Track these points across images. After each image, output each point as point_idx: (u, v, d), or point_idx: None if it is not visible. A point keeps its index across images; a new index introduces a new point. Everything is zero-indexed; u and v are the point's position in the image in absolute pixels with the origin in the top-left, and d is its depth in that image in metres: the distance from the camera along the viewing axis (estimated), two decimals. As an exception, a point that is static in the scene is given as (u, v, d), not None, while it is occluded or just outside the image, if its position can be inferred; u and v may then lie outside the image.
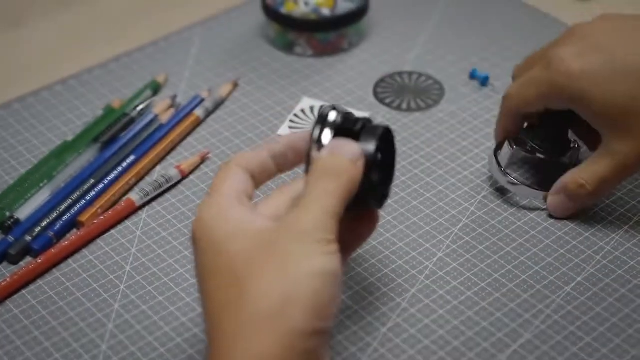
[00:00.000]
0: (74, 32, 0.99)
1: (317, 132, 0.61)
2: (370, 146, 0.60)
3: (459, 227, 0.76)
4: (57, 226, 0.76)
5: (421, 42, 0.95)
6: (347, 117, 0.61)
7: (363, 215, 0.63)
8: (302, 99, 0.88)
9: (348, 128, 0.61)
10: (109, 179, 0.79)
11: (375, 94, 0.89)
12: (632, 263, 0.72)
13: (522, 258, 0.73)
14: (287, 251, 0.56)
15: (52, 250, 0.73)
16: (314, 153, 0.60)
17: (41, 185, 0.79)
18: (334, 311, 0.57)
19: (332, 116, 0.61)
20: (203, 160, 0.82)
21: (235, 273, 0.56)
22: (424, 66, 0.92)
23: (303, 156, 0.62)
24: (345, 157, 0.59)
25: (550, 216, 0.76)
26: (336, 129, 0.61)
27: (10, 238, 0.75)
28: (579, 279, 0.71)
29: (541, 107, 0.74)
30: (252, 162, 0.62)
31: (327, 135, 0.61)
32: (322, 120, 0.61)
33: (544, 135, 0.77)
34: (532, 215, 0.76)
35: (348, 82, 0.90)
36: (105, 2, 1.02)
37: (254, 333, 0.55)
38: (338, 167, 0.59)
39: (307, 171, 0.60)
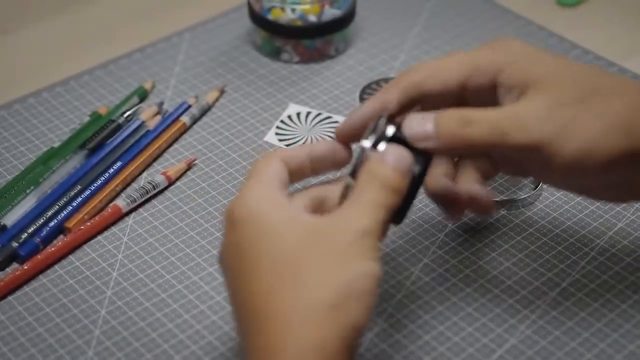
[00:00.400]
0: (61, 39, 0.99)
1: (372, 139, 0.61)
2: (418, 167, 0.61)
3: (444, 232, 0.76)
4: (44, 232, 0.76)
5: (407, 49, 0.96)
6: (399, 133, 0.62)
7: None
8: (289, 105, 0.89)
9: (403, 141, 0.61)
10: (95, 185, 0.79)
11: (362, 100, 0.89)
12: (616, 268, 0.72)
13: (507, 264, 0.73)
14: (347, 247, 0.56)
15: (39, 257, 0.73)
16: (373, 154, 0.60)
17: (27, 191, 0.79)
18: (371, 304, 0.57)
19: (390, 131, 0.61)
20: (189, 166, 0.82)
21: (289, 258, 0.56)
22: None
23: (340, 163, 0.63)
24: (405, 169, 0.60)
25: (537, 220, 0.76)
26: (390, 140, 0.61)
27: (-3, 244, 0.75)
28: (564, 284, 0.72)
29: (455, 85, 0.64)
30: (293, 159, 0.62)
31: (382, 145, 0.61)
32: (377, 131, 0.61)
33: None
34: (517, 221, 0.76)
35: (334, 88, 0.91)
36: (91, 10, 1.02)
37: (314, 322, 0.54)
38: (398, 180, 0.59)
39: (353, 174, 0.60)
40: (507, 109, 0.61)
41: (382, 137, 0.61)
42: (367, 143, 0.61)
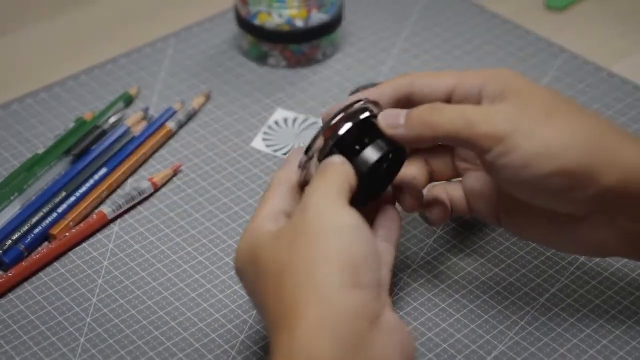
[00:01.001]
0: (45, 45, 0.98)
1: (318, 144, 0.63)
2: (371, 157, 0.63)
3: (433, 238, 0.75)
4: (28, 239, 0.75)
5: (395, 53, 0.95)
6: (359, 129, 0.64)
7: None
8: (276, 110, 0.88)
9: (349, 146, 0.63)
10: (80, 191, 0.79)
11: (349, 105, 0.88)
12: (605, 274, 0.72)
13: (496, 270, 0.73)
14: (307, 223, 0.58)
15: (23, 264, 0.73)
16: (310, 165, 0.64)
17: (12, 198, 0.78)
18: (373, 264, 0.58)
19: (343, 130, 0.63)
20: (175, 172, 0.82)
21: (264, 272, 0.59)
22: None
23: None
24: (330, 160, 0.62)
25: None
26: (338, 144, 0.63)
27: (-19, 251, 0.74)
28: (553, 289, 0.71)
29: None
30: (293, 177, 0.65)
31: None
32: (348, 111, 0.64)
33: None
34: (506, 226, 0.76)
35: (322, 93, 0.90)
36: (76, 15, 1.02)
37: (291, 310, 0.56)
38: (332, 163, 0.62)
39: (307, 150, 0.64)
40: (479, 106, 0.64)
41: (350, 118, 0.63)
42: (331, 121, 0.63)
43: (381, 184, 0.67)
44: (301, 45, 0.92)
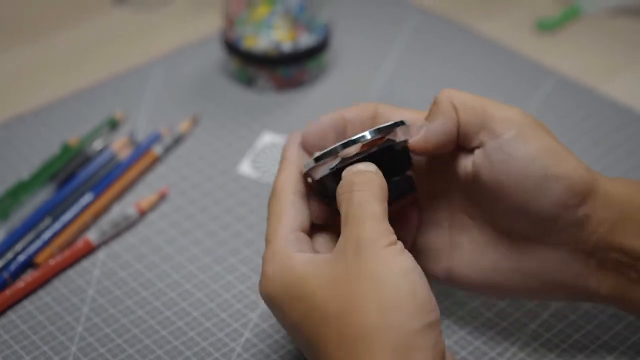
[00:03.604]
0: (31, 68, 0.97)
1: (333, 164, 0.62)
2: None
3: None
4: (12, 267, 0.74)
5: (383, 76, 0.95)
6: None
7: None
8: (263, 134, 0.87)
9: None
10: (65, 218, 0.78)
11: (337, 129, 0.88)
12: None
13: (481, 298, 0.72)
14: (365, 266, 0.57)
15: (7, 292, 0.72)
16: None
17: (-4, 224, 0.78)
18: (433, 301, 0.57)
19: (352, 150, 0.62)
20: (162, 197, 0.81)
21: (321, 310, 0.57)
22: (386, 99, 0.91)
23: None
24: (365, 169, 0.61)
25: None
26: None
27: (-36, 280, 0.73)
28: (544, 315, 0.70)
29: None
30: (295, 183, 0.64)
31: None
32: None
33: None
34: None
35: (310, 116, 0.89)
36: (62, 37, 1.01)
37: (364, 350, 0.55)
38: (363, 177, 0.60)
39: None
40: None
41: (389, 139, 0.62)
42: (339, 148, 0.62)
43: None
44: (289, 68, 0.92)
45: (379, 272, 0.56)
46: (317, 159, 0.62)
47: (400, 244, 0.58)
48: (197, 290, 0.73)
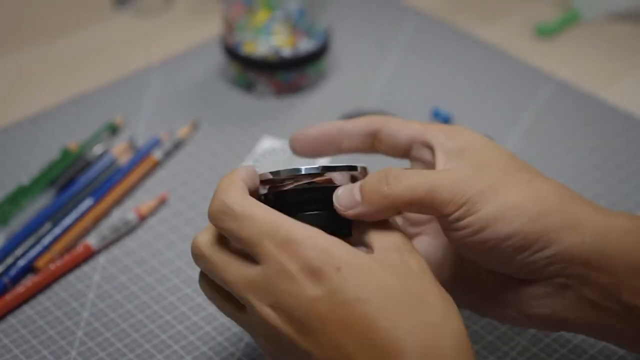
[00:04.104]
0: (31, 72, 0.97)
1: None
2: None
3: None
4: (12, 272, 0.74)
5: (382, 81, 0.95)
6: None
7: None
8: (262, 139, 0.88)
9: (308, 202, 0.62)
10: (65, 223, 0.78)
11: (337, 134, 0.88)
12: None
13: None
14: (350, 289, 0.55)
15: (7, 297, 0.72)
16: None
17: (-4, 229, 0.78)
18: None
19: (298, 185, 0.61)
20: (161, 202, 0.81)
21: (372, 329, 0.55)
22: (385, 105, 0.92)
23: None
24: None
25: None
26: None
27: (-36, 285, 0.73)
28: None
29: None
30: (252, 179, 0.62)
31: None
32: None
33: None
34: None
35: (310, 121, 0.90)
36: (62, 42, 1.01)
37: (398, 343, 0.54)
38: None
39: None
40: (437, 170, 0.62)
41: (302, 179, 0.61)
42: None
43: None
44: (288, 73, 0.92)
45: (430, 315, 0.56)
46: (262, 181, 0.62)
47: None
48: (197, 295, 0.73)
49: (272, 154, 0.86)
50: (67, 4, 1.06)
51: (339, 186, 0.61)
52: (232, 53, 0.92)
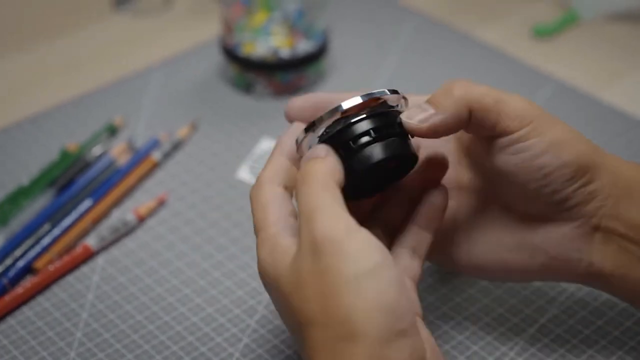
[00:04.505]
0: (30, 73, 0.97)
1: (301, 138, 0.61)
2: (374, 157, 0.60)
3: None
4: (12, 273, 0.74)
5: (381, 81, 0.95)
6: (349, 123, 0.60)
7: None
8: (262, 140, 0.88)
9: (356, 137, 0.60)
10: (64, 223, 0.78)
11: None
12: (595, 304, 0.71)
13: (486, 301, 0.72)
14: (324, 269, 0.54)
15: (6, 298, 0.72)
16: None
17: (-5, 230, 0.78)
18: (407, 302, 0.55)
19: (356, 118, 0.60)
20: (161, 203, 0.81)
21: (297, 314, 0.56)
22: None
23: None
24: (310, 157, 0.59)
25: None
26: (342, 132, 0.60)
27: (-37, 286, 0.73)
28: (542, 320, 0.70)
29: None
30: (282, 175, 0.62)
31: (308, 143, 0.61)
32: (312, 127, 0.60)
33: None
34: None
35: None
36: (61, 43, 1.01)
37: None
38: (310, 168, 0.58)
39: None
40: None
41: (372, 108, 0.60)
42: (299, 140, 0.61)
43: (380, 184, 0.64)
44: (287, 74, 0.92)
45: (337, 276, 0.54)
46: (306, 129, 0.60)
47: (363, 232, 0.55)
48: (196, 296, 0.73)
49: (268, 155, 0.86)
50: (66, 4, 1.06)
51: (394, 110, 0.61)
52: (231, 54, 0.92)
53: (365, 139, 0.60)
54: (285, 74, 0.92)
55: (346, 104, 0.60)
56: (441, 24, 1.03)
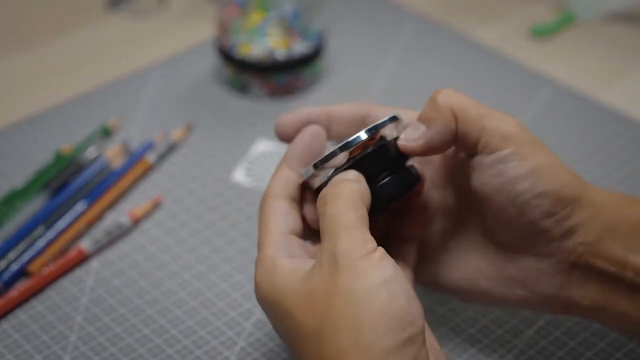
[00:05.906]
0: (25, 75, 0.97)
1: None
2: (392, 190, 0.62)
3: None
4: (5, 276, 0.73)
5: (379, 83, 0.95)
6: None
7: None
8: (257, 141, 0.87)
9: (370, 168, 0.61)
10: (58, 226, 0.77)
11: (332, 136, 0.88)
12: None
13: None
14: (340, 281, 0.55)
15: (0, 302, 0.71)
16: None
17: (-11, 233, 0.77)
18: (415, 311, 0.55)
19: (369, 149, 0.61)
20: (156, 205, 0.80)
21: (301, 328, 0.56)
22: (381, 107, 0.91)
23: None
24: (341, 178, 0.60)
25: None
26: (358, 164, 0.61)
27: (-43, 289, 0.73)
28: (540, 322, 0.70)
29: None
30: (288, 187, 0.62)
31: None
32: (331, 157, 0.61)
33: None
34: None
35: (305, 123, 0.89)
36: (57, 45, 1.01)
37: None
38: (337, 187, 0.59)
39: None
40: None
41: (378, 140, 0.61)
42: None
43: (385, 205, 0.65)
44: (283, 75, 0.91)
45: (352, 287, 0.54)
46: (315, 166, 0.61)
47: (380, 251, 0.56)
48: (192, 298, 0.73)
49: (266, 157, 0.86)
50: (63, 5, 1.06)
51: (387, 142, 0.62)
52: (226, 55, 0.91)
53: (381, 177, 0.62)
54: (281, 75, 0.91)
55: (351, 143, 0.61)
56: (439, 25, 1.03)
